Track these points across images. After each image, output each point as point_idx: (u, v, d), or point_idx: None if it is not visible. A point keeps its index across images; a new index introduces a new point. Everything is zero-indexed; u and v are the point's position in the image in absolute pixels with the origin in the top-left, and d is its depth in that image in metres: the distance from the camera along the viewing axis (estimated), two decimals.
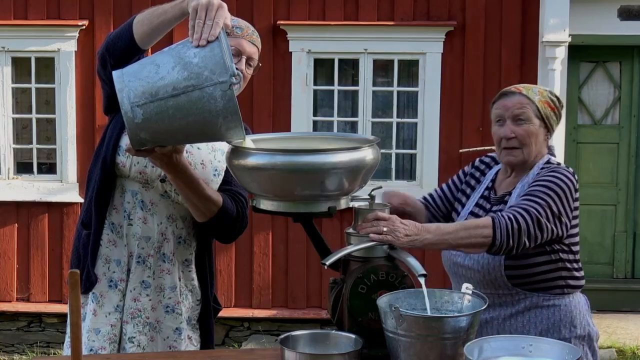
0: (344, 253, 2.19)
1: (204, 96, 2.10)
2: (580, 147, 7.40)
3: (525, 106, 2.58)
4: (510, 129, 2.58)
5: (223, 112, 2.12)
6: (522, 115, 2.57)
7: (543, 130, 2.60)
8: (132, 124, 2.15)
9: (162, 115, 2.14)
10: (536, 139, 2.58)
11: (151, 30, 2.37)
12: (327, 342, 2.18)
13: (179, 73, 2.11)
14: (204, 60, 2.11)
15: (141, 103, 2.13)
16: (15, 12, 6.57)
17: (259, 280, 6.65)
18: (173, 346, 2.64)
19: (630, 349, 6.22)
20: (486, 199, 2.67)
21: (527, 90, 2.61)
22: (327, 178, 2.13)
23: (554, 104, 2.61)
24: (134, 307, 2.59)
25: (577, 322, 2.59)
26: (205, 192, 2.50)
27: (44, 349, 6.58)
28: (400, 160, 6.82)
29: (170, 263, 2.61)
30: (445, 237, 2.32)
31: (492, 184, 2.70)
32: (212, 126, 2.15)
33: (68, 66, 6.51)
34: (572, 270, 2.58)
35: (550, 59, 6.36)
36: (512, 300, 2.56)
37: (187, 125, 2.16)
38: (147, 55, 2.37)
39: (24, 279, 6.66)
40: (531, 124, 2.57)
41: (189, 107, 2.12)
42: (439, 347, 1.98)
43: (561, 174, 2.51)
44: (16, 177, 6.61)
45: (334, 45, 6.60)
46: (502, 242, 2.33)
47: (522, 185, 2.57)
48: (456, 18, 6.52)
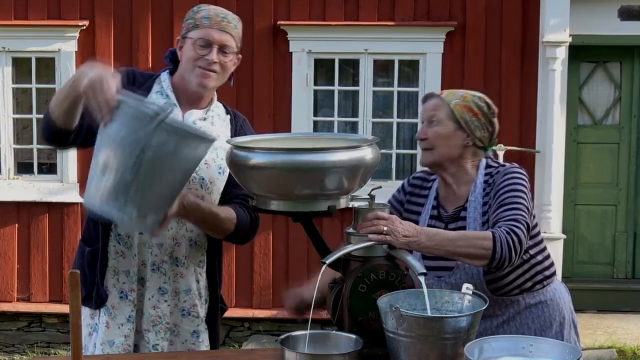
0: (344, 252, 2.19)
1: (157, 148, 2.11)
2: (580, 147, 7.40)
3: (439, 108, 2.59)
4: (423, 131, 2.62)
5: (181, 143, 2.15)
6: (434, 118, 2.60)
7: (460, 133, 2.57)
8: (136, 219, 2.19)
9: (146, 192, 2.16)
10: (447, 141, 2.57)
11: (65, 113, 2.39)
12: (327, 342, 2.18)
13: (123, 152, 2.13)
14: (127, 127, 2.12)
15: (123, 202, 2.15)
16: (15, 12, 6.58)
17: (259, 280, 6.65)
18: (192, 349, 2.65)
19: (630, 349, 6.22)
20: (437, 218, 2.64)
21: (449, 93, 2.62)
22: (326, 177, 2.13)
23: (478, 109, 2.58)
24: (154, 314, 2.59)
25: (565, 312, 2.64)
26: (221, 217, 2.54)
27: (44, 349, 6.58)
28: (400, 160, 6.82)
29: (184, 266, 2.61)
30: (444, 244, 2.31)
31: (436, 202, 2.68)
32: (186, 159, 2.19)
33: (68, 66, 6.51)
34: (543, 261, 2.61)
35: (550, 59, 6.37)
36: (500, 308, 2.58)
37: (171, 178, 2.19)
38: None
39: (25, 279, 6.66)
40: (442, 126, 2.58)
41: (157, 166, 2.14)
42: (440, 347, 1.98)
43: (517, 173, 2.53)
44: (16, 177, 6.60)
45: (334, 45, 6.60)
46: (503, 255, 2.31)
47: (475, 197, 2.56)
48: (456, 18, 6.52)
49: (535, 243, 2.58)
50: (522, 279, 2.56)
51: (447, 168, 2.61)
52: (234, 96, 6.37)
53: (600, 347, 6.20)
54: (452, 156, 2.59)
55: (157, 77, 2.66)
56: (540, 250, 2.60)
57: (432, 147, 2.59)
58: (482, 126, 2.59)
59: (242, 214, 2.61)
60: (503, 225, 2.37)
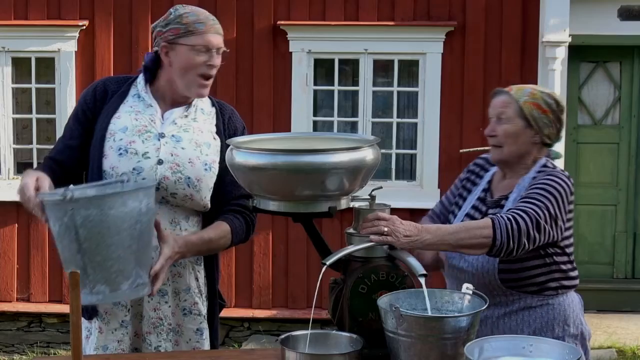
0: (345, 253, 2.19)
1: (84, 223, 2.16)
2: (580, 147, 7.40)
3: (508, 105, 2.59)
4: (492, 128, 2.62)
5: (103, 207, 2.17)
6: (503, 115, 2.60)
7: (529, 131, 2.58)
8: (111, 294, 2.23)
9: (102, 266, 2.19)
10: (516, 139, 2.58)
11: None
12: (328, 342, 2.18)
13: (63, 243, 2.22)
14: (55, 219, 2.22)
15: (91, 286, 2.19)
16: (15, 12, 6.58)
17: (259, 280, 6.65)
18: (197, 347, 2.65)
19: (630, 349, 6.22)
20: (482, 201, 2.67)
21: (518, 90, 2.62)
22: (327, 178, 2.13)
23: (547, 106, 2.59)
24: (154, 316, 2.58)
25: (571, 321, 2.60)
26: (219, 243, 2.59)
27: (44, 349, 6.58)
28: (401, 160, 6.82)
29: (181, 266, 2.60)
30: (446, 238, 2.32)
31: (488, 186, 2.71)
32: (121, 217, 2.19)
33: (68, 66, 6.51)
34: (567, 272, 2.59)
35: (550, 59, 6.36)
36: (506, 300, 2.57)
37: (119, 240, 2.19)
38: None
39: (24, 279, 6.66)
40: (512, 123, 2.58)
41: (96, 238, 2.18)
42: (440, 347, 1.98)
43: (558, 178, 2.52)
44: (16, 177, 6.60)
45: (334, 45, 6.60)
46: (502, 242, 2.33)
47: (519, 190, 2.57)
48: (456, 18, 6.52)
49: (561, 252, 2.56)
50: (536, 280, 2.54)
51: (513, 164, 2.62)
52: (234, 96, 6.37)
53: (600, 347, 6.20)
54: (521, 153, 2.60)
55: (133, 80, 2.67)
56: (566, 262, 2.58)
57: (501, 144, 2.60)
58: (551, 123, 2.60)
59: (237, 225, 2.62)
60: (508, 213, 2.38)
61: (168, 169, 2.52)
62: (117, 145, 2.53)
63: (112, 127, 2.55)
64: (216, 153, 2.61)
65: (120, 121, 2.56)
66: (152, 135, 2.55)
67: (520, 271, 2.52)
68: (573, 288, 2.64)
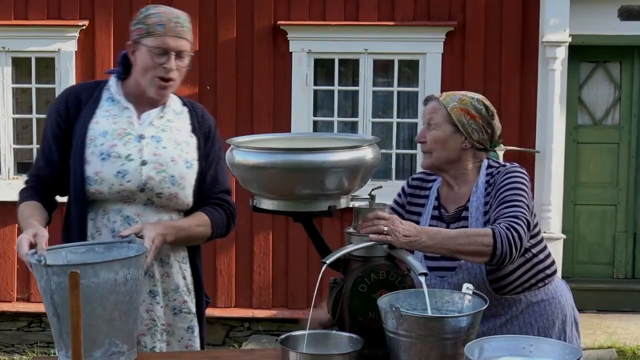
0: (344, 252, 2.19)
1: (59, 290, 2.18)
2: (580, 147, 7.40)
3: (437, 112, 2.60)
4: (422, 134, 2.64)
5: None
6: (432, 121, 2.61)
7: (457, 136, 2.58)
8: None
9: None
10: (444, 144, 2.58)
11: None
12: (328, 342, 2.18)
13: (46, 307, 2.26)
14: (38, 282, 2.23)
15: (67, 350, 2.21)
16: (15, 12, 6.58)
17: (259, 280, 6.65)
18: (189, 345, 2.65)
19: (630, 349, 6.22)
20: (439, 219, 2.64)
21: (447, 96, 2.63)
22: (327, 177, 2.13)
23: (476, 112, 2.58)
24: (147, 318, 2.58)
25: (567, 309, 2.65)
26: (199, 230, 2.60)
27: (44, 349, 6.58)
28: (400, 160, 6.83)
29: (168, 266, 2.61)
30: (444, 242, 2.31)
31: (438, 202, 2.68)
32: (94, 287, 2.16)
33: (68, 66, 6.51)
34: (544, 260, 2.62)
35: (550, 59, 6.37)
36: (503, 308, 2.59)
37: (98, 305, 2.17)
38: None
39: (24, 279, 6.66)
40: (440, 129, 2.59)
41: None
42: (440, 347, 1.98)
43: (517, 172, 2.54)
44: (16, 177, 6.60)
45: (334, 45, 6.60)
46: (504, 251, 2.32)
47: (477, 198, 2.57)
48: (456, 18, 6.52)
49: (536, 242, 2.59)
50: (524, 278, 2.57)
51: (448, 170, 2.62)
52: (234, 96, 6.37)
53: (600, 347, 6.20)
54: (451, 159, 2.60)
55: (105, 84, 2.67)
56: (541, 249, 2.61)
57: (430, 150, 2.61)
58: (480, 128, 2.59)
59: (218, 217, 2.64)
60: (503, 222, 2.38)
61: (152, 169, 2.53)
62: (99, 150, 2.53)
63: (92, 133, 2.55)
64: (194, 150, 2.63)
65: (98, 126, 2.56)
66: (133, 137, 2.56)
67: (506, 276, 2.54)
68: (555, 273, 2.68)
